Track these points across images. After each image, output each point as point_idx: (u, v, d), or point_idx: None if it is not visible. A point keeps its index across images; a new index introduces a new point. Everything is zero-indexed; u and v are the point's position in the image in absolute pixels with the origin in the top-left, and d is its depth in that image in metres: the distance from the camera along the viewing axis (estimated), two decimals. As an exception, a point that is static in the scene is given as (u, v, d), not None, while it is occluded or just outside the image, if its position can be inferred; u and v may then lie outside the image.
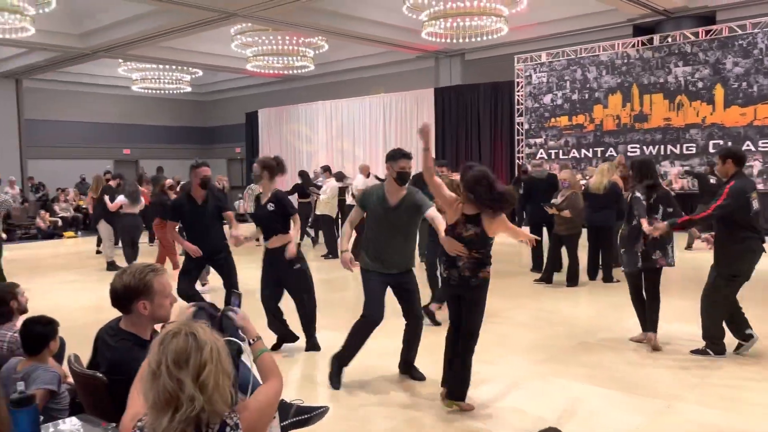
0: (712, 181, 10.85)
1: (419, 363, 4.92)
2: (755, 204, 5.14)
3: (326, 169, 13.24)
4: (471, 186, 4.06)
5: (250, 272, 6.79)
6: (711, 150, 13.91)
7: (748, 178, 5.45)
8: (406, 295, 4.76)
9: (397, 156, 4.56)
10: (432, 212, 4.58)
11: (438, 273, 4.37)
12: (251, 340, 2.30)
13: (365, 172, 13.03)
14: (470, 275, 4.13)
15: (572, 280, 8.51)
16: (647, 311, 5.64)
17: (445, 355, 4.41)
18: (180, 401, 1.76)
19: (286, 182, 13.87)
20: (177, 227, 6.45)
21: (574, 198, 8.42)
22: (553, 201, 8.59)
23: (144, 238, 11.36)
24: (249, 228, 9.12)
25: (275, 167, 5.63)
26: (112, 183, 11.92)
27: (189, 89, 22.22)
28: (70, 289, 9.41)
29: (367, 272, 4.69)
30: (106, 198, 11.00)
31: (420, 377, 4.84)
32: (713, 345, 5.28)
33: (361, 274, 4.76)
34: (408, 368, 4.92)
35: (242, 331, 2.32)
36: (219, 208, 6.28)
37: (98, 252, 13.31)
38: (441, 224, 4.39)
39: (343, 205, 12.61)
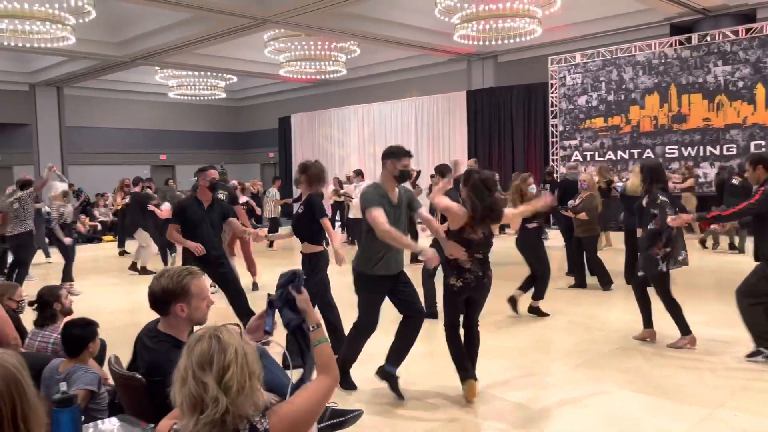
0: (734, 181, 10.63)
1: (440, 365, 4.85)
2: None
3: (359, 173, 13.34)
4: (477, 188, 4.22)
5: (275, 276, 6.80)
6: (753, 151, 13.54)
7: None
8: (407, 289, 4.56)
9: (400, 153, 4.43)
10: (424, 213, 4.59)
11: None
12: (311, 327, 2.24)
13: None
14: (482, 275, 4.36)
15: (606, 283, 8.35)
16: (673, 318, 5.61)
17: (461, 358, 4.41)
18: (205, 403, 1.76)
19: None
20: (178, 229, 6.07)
21: (590, 200, 8.31)
22: (570, 203, 8.50)
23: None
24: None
25: (313, 173, 5.64)
26: (137, 189, 11.89)
27: (223, 95, 22.57)
28: (110, 291, 9.62)
29: (368, 278, 4.45)
30: (153, 207, 10.98)
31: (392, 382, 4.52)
32: (764, 341, 5.10)
33: (360, 281, 4.53)
34: (382, 368, 4.54)
35: (304, 315, 2.25)
36: (224, 216, 6.15)
37: (120, 253, 13.63)
38: (437, 224, 4.42)
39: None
